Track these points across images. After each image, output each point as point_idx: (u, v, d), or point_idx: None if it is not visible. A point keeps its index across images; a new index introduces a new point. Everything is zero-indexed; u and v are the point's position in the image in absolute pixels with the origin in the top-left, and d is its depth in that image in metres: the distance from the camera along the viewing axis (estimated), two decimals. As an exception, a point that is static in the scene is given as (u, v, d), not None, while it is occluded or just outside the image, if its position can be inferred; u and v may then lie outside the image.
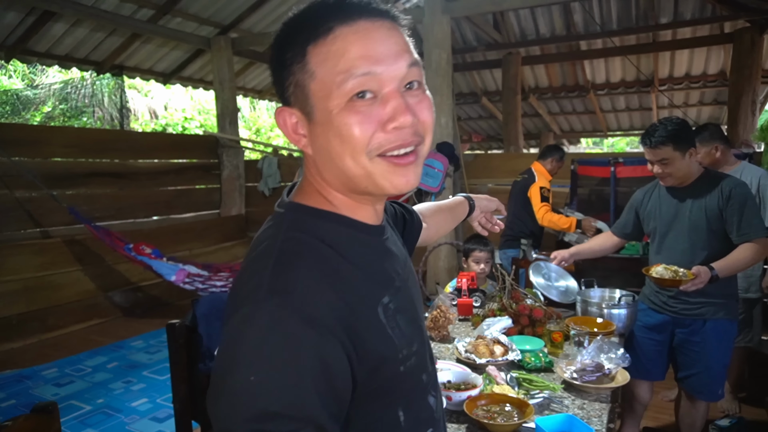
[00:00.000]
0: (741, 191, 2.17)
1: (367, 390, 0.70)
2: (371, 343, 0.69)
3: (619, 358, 1.77)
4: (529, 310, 2.16)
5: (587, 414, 1.53)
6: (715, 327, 2.25)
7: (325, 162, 0.74)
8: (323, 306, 0.65)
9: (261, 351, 0.61)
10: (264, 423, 0.58)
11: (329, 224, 0.75)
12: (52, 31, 5.50)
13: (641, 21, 6.69)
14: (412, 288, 0.84)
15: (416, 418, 0.79)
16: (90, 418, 3.18)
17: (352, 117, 0.68)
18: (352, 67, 0.67)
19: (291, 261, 0.68)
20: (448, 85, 5.18)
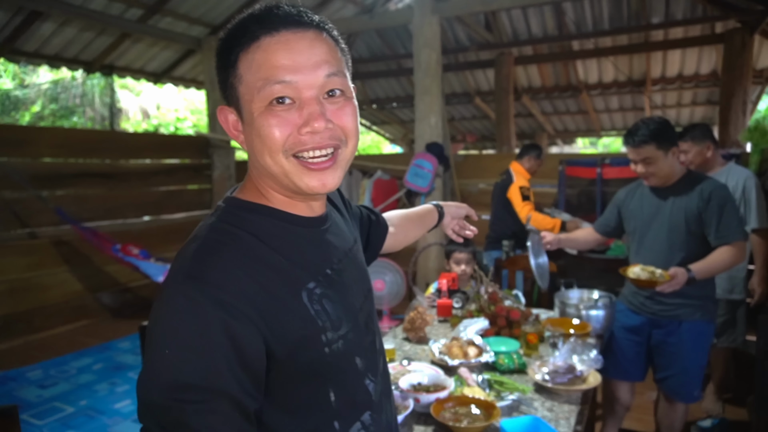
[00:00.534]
0: (720, 193, 2.16)
1: (293, 369, 0.76)
2: (291, 323, 0.74)
3: (592, 359, 1.77)
4: (506, 311, 2.15)
5: (556, 416, 1.52)
6: (691, 328, 2.24)
7: (253, 159, 0.81)
8: (236, 291, 0.71)
9: (175, 329, 0.68)
10: (177, 393, 0.66)
11: (260, 217, 0.80)
12: (40, 30, 5.47)
13: (633, 21, 6.69)
14: (350, 278, 0.89)
15: (350, 400, 0.84)
16: (72, 420, 3.16)
17: (270, 119, 0.75)
18: (272, 75, 0.74)
19: (211, 249, 0.74)
20: (437, 85, 5.17)
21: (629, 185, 2.47)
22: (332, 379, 0.81)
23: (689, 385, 2.28)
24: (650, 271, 2.14)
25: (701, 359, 2.28)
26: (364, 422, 0.87)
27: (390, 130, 11.65)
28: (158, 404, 0.67)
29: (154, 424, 0.68)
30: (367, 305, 0.94)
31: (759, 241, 2.86)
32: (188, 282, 0.71)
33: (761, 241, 2.85)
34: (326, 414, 0.81)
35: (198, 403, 0.66)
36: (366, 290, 0.95)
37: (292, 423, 0.79)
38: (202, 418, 0.66)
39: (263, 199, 0.83)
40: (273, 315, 0.73)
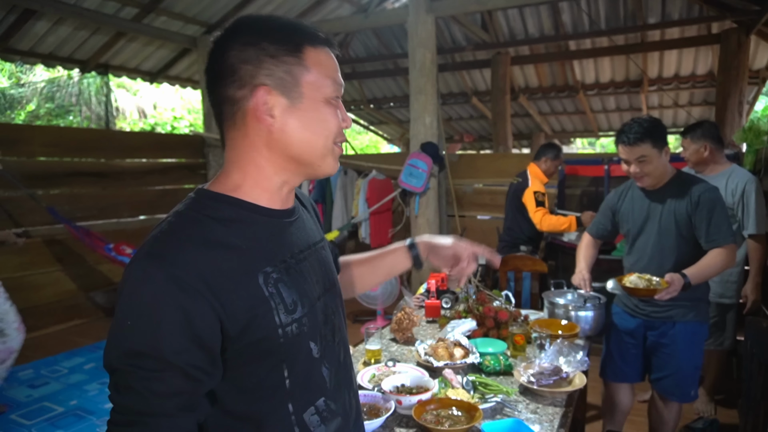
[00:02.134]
0: (710, 196, 2.14)
1: (247, 348, 0.81)
2: (243, 302, 0.80)
3: (579, 361, 1.75)
4: (494, 312, 2.14)
5: (540, 419, 1.51)
6: (685, 329, 2.23)
7: (289, 142, 0.88)
8: (190, 268, 0.77)
9: (133, 301, 0.76)
10: (132, 359, 0.74)
11: (224, 205, 0.86)
12: (34, 29, 5.46)
13: (629, 21, 6.68)
14: (310, 269, 0.95)
15: (304, 384, 0.89)
16: (61, 420, 3.14)
17: (331, 110, 0.90)
18: (335, 78, 0.90)
19: (171, 232, 0.81)
20: (432, 84, 5.14)
21: (619, 187, 2.45)
22: (286, 360, 0.86)
23: (684, 384, 2.28)
24: (647, 278, 2.10)
25: (696, 359, 2.27)
26: (318, 407, 0.92)
27: (387, 130, 11.64)
28: (115, 368, 0.75)
29: (112, 386, 0.76)
30: (327, 298, 0.99)
31: (755, 246, 2.82)
32: (147, 259, 0.77)
33: (757, 246, 2.81)
34: (279, 395, 0.86)
35: (147, 371, 0.74)
36: (328, 284, 1.00)
37: (246, 401, 0.84)
38: (149, 384, 0.74)
39: (233, 190, 0.88)
40: (227, 293, 0.78)
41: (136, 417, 0.74)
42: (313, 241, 1.00)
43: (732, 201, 2.79)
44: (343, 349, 1.02)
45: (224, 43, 0.86)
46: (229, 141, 0.89)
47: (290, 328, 0.85)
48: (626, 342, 2.38)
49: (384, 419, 1.44)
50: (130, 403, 0.74)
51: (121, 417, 0.75)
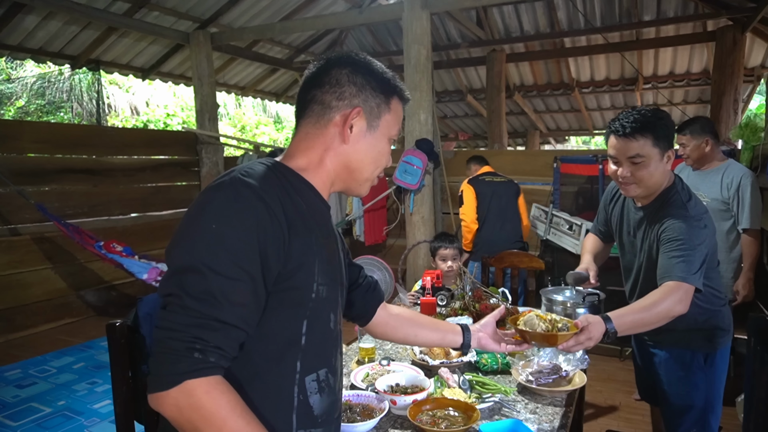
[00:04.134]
0: (675, 225, 1.68)
1: (285, 290, 0.90)
2: (298, 249, 0.91)
3: (578, 360, 1.71)
4: (490, 309, 2.09)
5: (539, 419, 1.46)
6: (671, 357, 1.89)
7: (352, 157, 1.05)
8: (275, 198, 0.90)
9: (223, 209, 0.85)
10: (217, 263, 0.81)
11: (294, 178, 1.00)
12: (23, 23, 5.37)
13: (624, 18, 6.66)
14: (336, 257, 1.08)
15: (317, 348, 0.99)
16: (48, 421, 3.08)
17: (388, 147, 1.09)
18: (399, 127, 1.10)
19: (259, 173, 0.93)
20: (427, 81, 5.10)
21: (614, 185, 2.05)
22: (309, 318, 0.95)
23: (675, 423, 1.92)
24: (549, 319, 1.53)
25: (690, 397, 1.87)
26: (319, 375, 1.00)
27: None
28: (192, 268, 0.81)
29: (179, 287, 0.81)
30: (343, 290, 1.12)
31: (749, 241, 2.80)
32: (238, 182, 0.88)
33: (751, 241, 2.79)
34: (293, 350, 0.94)
35: (225, 277, 0.81)
36: (343, 279, 1.14)
37: (260, 345, 0.90)
38: (224, 288, 0.81)
39: (306, 173, 1.02)
40: (293, 233, 0.91)
41: (208, 321, 0.79)
42: (337, 237, 1.16)
43: (727, 195, 2.77)
44: (339, 344, 1.11)
45: (337, 61, 1.03)
46: (304, 132, 1.03)
47: (322, 289, 0.97)
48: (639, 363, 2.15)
49: (378, 420, 1.39)
50: (202, 306, 0.80)
51: (188, 318, 0.79)
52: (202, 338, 0.78)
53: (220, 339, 0.80)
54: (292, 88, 9.13)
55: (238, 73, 8.02)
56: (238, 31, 6.46)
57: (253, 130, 13.71)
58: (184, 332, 0.78)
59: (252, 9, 6.54)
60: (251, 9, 6.53)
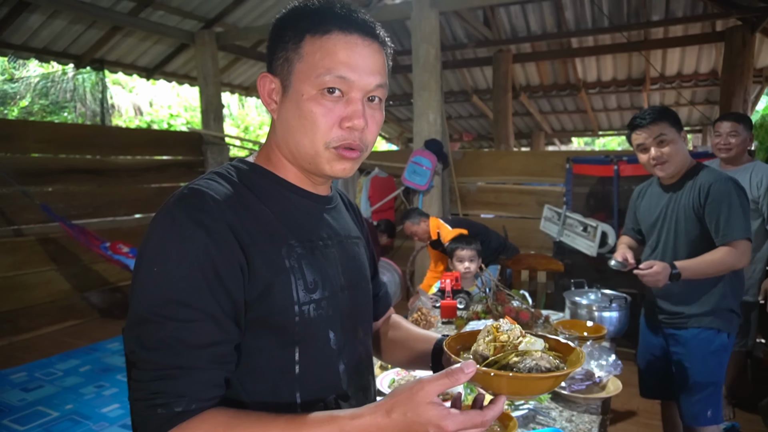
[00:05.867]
0: (721, 188, 1.94)
1: (260, 317, 0.79)
2: (264, 267, 0.79)
3: (611, 365, 1.65)
4: (515, 312, 2.04)
5: (576, 427, 1.40)
6: (698, 335, 2.04)
7: (285, 132, 0.86)
8: (220, 219, 0.76)
9: (161, 247, 0.75)
10: (162, 308, 0.72)
11: (260, 179, 0.87)
12: (28, 22, 5.32)
13: (633, 18, 6.61)
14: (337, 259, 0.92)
15: (317, 375, 0.86)
16: (56, 425, 3.02)
17: (318, 108, 0.81)
18: (333, 67, 0.80)
19: (206, 184, 0.80)
20: (436, 80, 5.05)
21: (641, 184, 2.32)
22: (299, 343, 0.83)
23: (697, 402, 2.04)
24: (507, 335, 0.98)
25: (712, 374, 2.04)
26: (328, 404, 0.87)
27: (386, 129, 11.54)
28: (143, 320, 0.72)
29: (137, 343, 0.73)
30: (355, 294, 0.96)
31: None
32: (176, 205, 0.77)
33: None
34: (287, 379, 0.83)
35: (177, 321, 0.72)
36: (356, 279, 0.97)
37: (253, 378, 0.81)
38: (180, 333, 0.71)
39: (270, 165, 0.90)
40: (250, 253, 0.78)
41: (165, 371, 0.71)
42: (346, 233, 0.99)
43: (756, 194, 2.74)
44: (365, 353, 0.99)
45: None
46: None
47: (308, 308, 0.83)
48: (652, 355, 2.24)
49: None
50: (158, 357, 0.71)
51: (147, 374, 0.72)
52: (163, 391, 0.71)
53: (184, 386, 0.71)
54: (296, 89, 9.08)
55: (243, 73, 7.97)
56: (243, 31, 6.42)
57: (257, 131, 13.66)
58: (145, 389, 0.72)
59: (257, 8, 6.49)
60: (256, 8, 6.48)
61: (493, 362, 0.81)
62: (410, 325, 1.18)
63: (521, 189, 5.26)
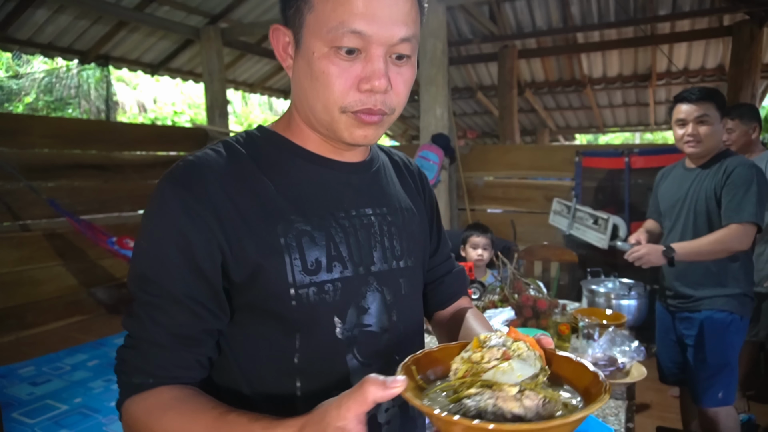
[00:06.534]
0: (743, 172, 1.97)
1: (254, 300, 0.75)
2: (254, 247, 0.73)
3: (634, 351, 1.63)
4: (532, 301, 2.01)
5: (602, 412, 1.38)
6: (711, 317, 2.07)
7: (299, 95, 0.78)
8: (206, 199, 0.72)
9: (145, 222, 0.74)
10: (140, 284, 0.72)
11: (272, 147, 0.80)
12: (33, 17, 5.30)
13: (639, 13, 6.57)
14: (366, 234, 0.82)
15: (319, 367, 0.78)
16: (66, 418, 3.00)
17: (332, 67, 0.71)
18: (347, 20, 0.68)
19: (203, 159, 0.75)
20: (443, 75, 5.03)
21: (666, 167, 2.32)
22: (300, 330, 0.76)
23: (708, 383, 2.07)
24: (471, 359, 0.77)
25: (724, 355, 2.06)
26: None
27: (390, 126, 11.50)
28: (131, 291, 0.73)
29: (126, 309, 0.75)
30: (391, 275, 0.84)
31: None
32: (165, 179, 0.74)
33: None
34: (287, 369, 0.77)
35: (150, 296, 0.71)
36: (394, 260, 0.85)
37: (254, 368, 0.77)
38: (149, 310, 0.71)
39: (289, 132, 0.82)
40: (237, 235, 0.72)
41: (136, 342, 0.72)
42: (390, 203, 0.87)
43: None
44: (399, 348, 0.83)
45: None
46: None
47: (306, 292, 0.74)
48: (670, 341, 2.26)
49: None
50: (132, 327, 0.73)
51: (127, 339, 0.74)
52: (127, 360, 0.72)
53: (144, 361, 0.71)
54: (300, 86, 9.06)
55: (247, 69, 7.95)
56: (248, 26, 6.40)
57: (260, 129, 13.61)
58: (120, 354, 0.74)
59: (263, 4, 6.46)
60: (262, 4, 6.45)
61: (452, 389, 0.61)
62: (476, 320, 0.95)
63: (529, 184, 5.23)
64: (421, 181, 1.00)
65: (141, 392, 0.71)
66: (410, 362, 0.64)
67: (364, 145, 0.81)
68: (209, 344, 0.74)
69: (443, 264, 1.04)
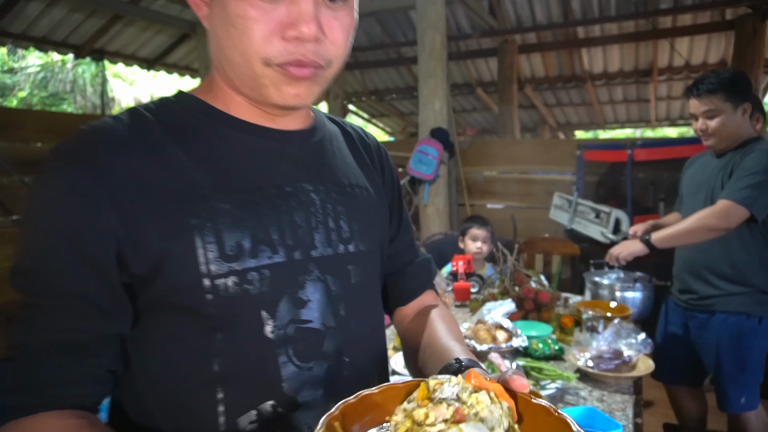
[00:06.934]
0: (755, 156, 1.89)
1: (162, 295, 0.63)
2: (157, 230, 0.61)
3: (640, 343, 1.56)
4: (534, 293, 1.95)
5: (609, 407, 1.31)
6: (726, 320, 1.97)
7: (215, 48, 0.68)
8: (99, 174, 0.60)
9: (30, 206, 0.63)
10: (20, 279, 0.62)
11: (189, 114, 0.69)
12: (27, 10, 5.23)
13: (640, 7, 6.50)
14: (305, 212, 0.69)
15: (244, 373, 0.65)
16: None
17: (250, 10, 0.60)
18: None
19: (101, 128, 0.64)
20: (442, 68, 4.96)
21: (694, 155, 2.25)
22: (221, 329, 0.64)
23: (728, 389, 1.98)
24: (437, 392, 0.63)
25: (742, 359, 1.96)
26: (262, 413, 0.65)
27: (389, 123, 11.44)
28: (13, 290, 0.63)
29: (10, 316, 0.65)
30: (338, 262, 0.72)
31: None
32: (54, 154, 0.63)
33: None
34: (205, 378, 0.64)
35: (30, 294, 0.61)
36: (340, 243, 0.72)
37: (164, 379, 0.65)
38: (30, 311, 0.61)
39: (211, 96, 0.71)
40: (137, 215, 0.61)
41: (12, 352, 0.60)
42: (337, 178, 0.75)
43: None
44: (350, 348, 0.72)
45: None
46: None
47: (224, 282, 0.62)
48: (673, 337, 2.16)
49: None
50: (11, 333, 0.61)
51: (6, 350, 0.61)
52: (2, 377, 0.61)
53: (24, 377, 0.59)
54: (298, 82, 8.99)
55: (245, 65, 7.88)
56: (245, 20, 6.33)
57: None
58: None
59: (260, -2, 6.39)
60: (259, -2, 6.39)
61: None
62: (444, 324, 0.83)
63: (529, 178, 5.17)
64: (379, 156, 0.88)
65: (21, 418, 0.58)
66: (337, 414, 0.50)
67: (298, 107, 0.68)
68: (107, 353, 0.62)
69: (405, 252, 0.91)
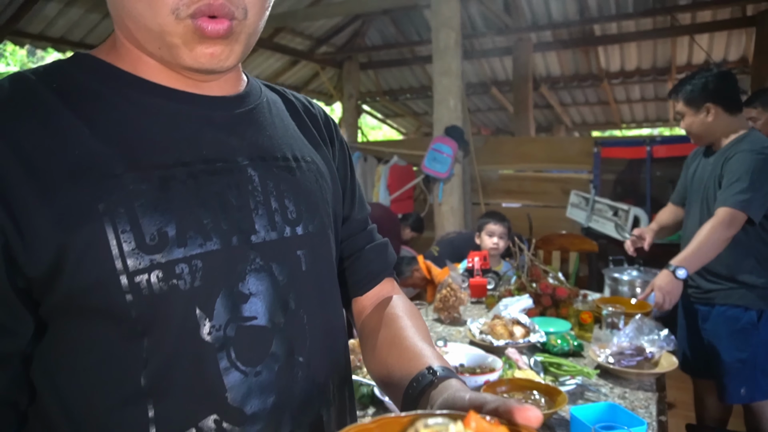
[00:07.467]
0: (741, 158, 1.86)
1: (65, 296, 0.51)
2: (49, 222, 0.49)
3: (663, 340, 1.51)
4: (551, 289, 1.90)
5: (631, 404, 1.27)
6: (725, 313, 1.98)
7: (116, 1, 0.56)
8: None
9: None
10: None
11: (90, 78, 0.57)
12: (44, 11, 5.29)
13: (658, 3, 6.40)
14: (238, 191, 0.58)
15: (178, 387, 0.54)
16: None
17: None
18: None
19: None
20: (457, 66, 4.91)
21: (698, 147, 2.23)
22: (147, 334, 0.53)
23: (727, 380, 1.98)
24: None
25: (741, 351, 1.96)
26: (203, 430, 0.55)
27: (403, 123, 11.41)
28: None
29: None
30: (279, 247, 0.61)
31: None
32: None
33: None
34: (132, 391, 0.53)
35: None
36: (280, 226, 0.61)
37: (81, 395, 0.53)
38: None
39: (117, 57, 0.59)
40: (21, 201, 0.49)
41: None
42: (274, 152, 0.64)
43: None
44: (303, 347, 0.62)
45: None
46: None
47: (146, 278, 0.51)
48: (686, 330, 2.17)
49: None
50: None
51: None
52: None
53: None
54: (312, 82, 8.99)
55: (258, 65, 7.88)
56: (260, 20, 6.34)
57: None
58: None
59: (274, -3, 6.40)
60: (273, -3, 6.39)
61: None
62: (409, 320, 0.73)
63: (545, 176, 5.10)
64: (327, 128, 0.77)
65: None
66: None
67: (216, 70, 0.56)
68: (1, 377, 0.52)
69: (360, 234, 0.80)
